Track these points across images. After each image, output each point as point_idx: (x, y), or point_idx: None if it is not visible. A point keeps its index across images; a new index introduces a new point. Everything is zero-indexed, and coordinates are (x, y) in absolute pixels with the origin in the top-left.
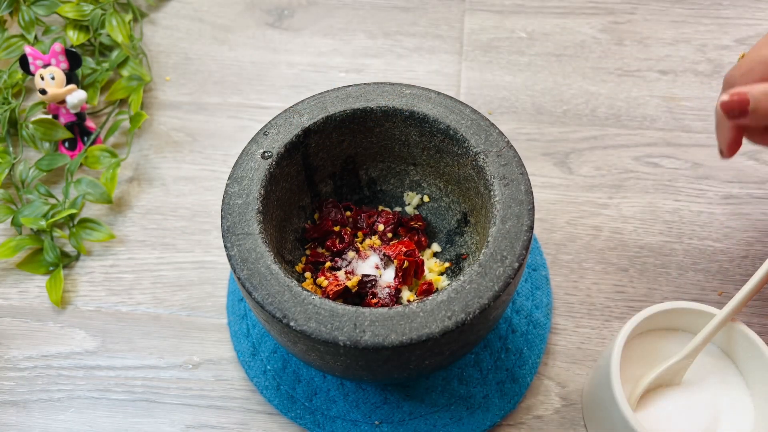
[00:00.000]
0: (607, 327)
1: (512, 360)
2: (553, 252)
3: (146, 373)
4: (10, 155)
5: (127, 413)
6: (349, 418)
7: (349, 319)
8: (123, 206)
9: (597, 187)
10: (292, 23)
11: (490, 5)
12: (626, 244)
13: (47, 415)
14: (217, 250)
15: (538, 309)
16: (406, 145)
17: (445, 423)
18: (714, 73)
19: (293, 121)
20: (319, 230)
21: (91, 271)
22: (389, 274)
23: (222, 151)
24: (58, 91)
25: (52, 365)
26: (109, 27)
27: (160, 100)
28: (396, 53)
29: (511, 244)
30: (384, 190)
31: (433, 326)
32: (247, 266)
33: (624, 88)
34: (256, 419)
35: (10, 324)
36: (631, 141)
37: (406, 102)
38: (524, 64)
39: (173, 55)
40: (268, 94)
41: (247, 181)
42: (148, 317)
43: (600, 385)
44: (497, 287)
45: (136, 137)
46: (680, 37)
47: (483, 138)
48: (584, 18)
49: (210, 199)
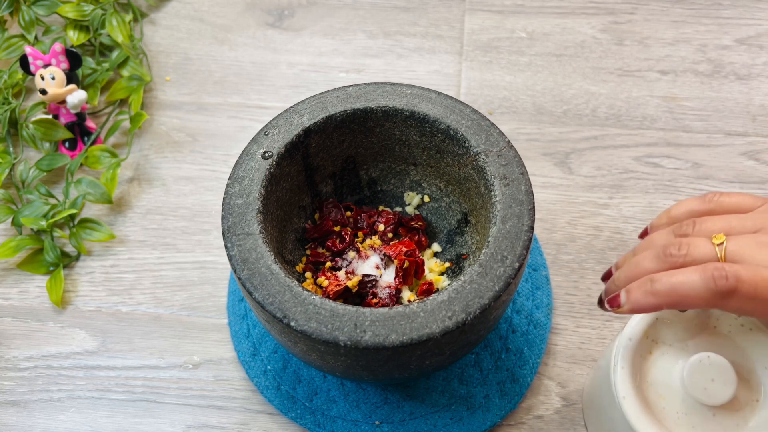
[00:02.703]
0: (608, 327)
1: (513, 360)
2: (554, 252)
3: (146, 373)
4: (11, 155)
5: (127, 413)
6: (350, 418)
7: (350, 319)
8: (123, 206)
9: (597, 187)
10: (293, 23)
11: (490, 5)
12: (626, 244)
13: (47, 415)
14: (217, 250)
15: (538, 309)
16: (406, 145)
17: (446, 423)
18: (714, 73)
19: (294, 121)
20: (319, 230)
21: (92, 271)
22: (390, 274)
23: (222, 151)
24: (58, 91)
25: (52, 365)
26: (110, 27)
27: (161, 100)
28: (396, 53)
29: (512, 244)
30: (384, 190)
31: (434, 326)
32: (248, 266)
33: (624, 88)
34: (256, 419)
35: (11, 324)
36: (631, 141)
37: (406, 102)
38: (524, 64)
39: (173, 55)
40: (269, 94)
41: (247, 181)
42: (148, 317)
43: (600, 385)
44: (498, 287)
45: (137, 137)
46: (680, 37)
47: (483, 138)
48: (584, 18)
49: (210, 199)
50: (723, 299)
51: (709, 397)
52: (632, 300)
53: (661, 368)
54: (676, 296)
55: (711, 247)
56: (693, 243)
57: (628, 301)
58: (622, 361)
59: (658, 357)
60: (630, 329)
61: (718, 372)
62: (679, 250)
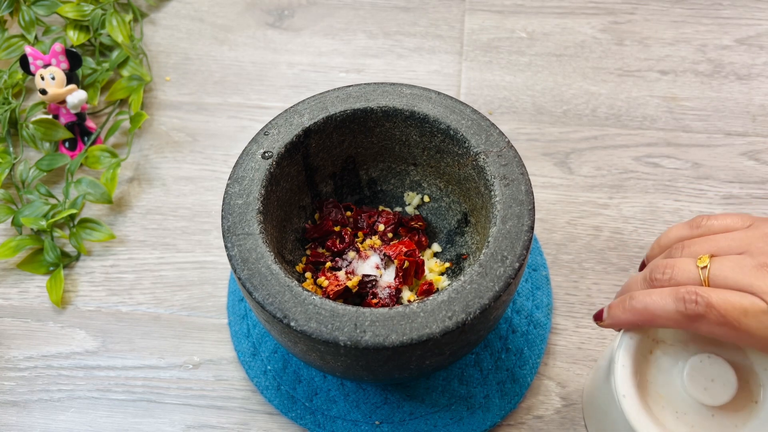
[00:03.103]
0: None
1: (513, 360)
2: (554, 252)
3: (146, 373)
4: (11, 155)
5: (127, 413)
6: (350, 418)
7: (350, 319)
8: (123, 206)
9: (597, 187)
10: (293, 23)
11: (490, 5)
12: (626, 244)
13: (47, 415)
14: (217, 250)
15: (538, 309)
16: (406, 145)
17: (446, 423)
18: (714, 73)
19: (294, 121)
20: (319, 230)
21: (92, 271)
22: (390, 274)
23: (222, 152)
24: (58, 91)
25: (52, 365)
26: (110, 27)
27: (161, 100)
28: (396, 53)
29: (512, 244)
30: (384, 190)
31: (434, 326)
32: (248, 266)
33: (624, 88)
34: (256, 419)
35: (11, 324)
36: (631, 141)
37: (406, 102)
38: (524, 64)
39: (173, 55)
40: (269, 94)
41: (247, 181)
42: (148, 317)
43: (600, 384)
44: (498, 287)
45: (137, 137)
46: (680, 37)
47: (483, 138)
48: (584, 18)
49: (210, 199)
50: (693, 322)
51: (708, 398)
52: (611, 315)
53: (662, 368)
54: (648, 315)
55: (695, 269)
56: (677, 265)
57: (608, 316)
58: (623, 360)
59: (659, 356)
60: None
61: (719, 372)
62: (663, 274)
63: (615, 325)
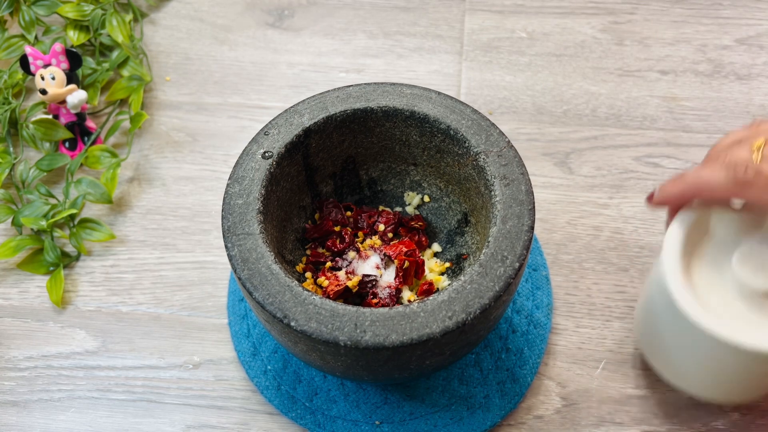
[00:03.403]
0: (608, 327)
1: (513, 360)
2: (554, 252)
3: (147, 373)
4: (11, 155)
5: (127, 413)
6: (350, 418)
7: (350, 319)
8: (123, 206)
9: (597, 187)
10: (293, 23)
11: (490, 5)
12: (627, 244)
13: (47, 415)
14: (217, 250)
15: (538, 309)
16: (406, 145)
17: (446, 423)
18: (714, 73)
19: (294, 121)
20: (319, 230)
21: (92, 271)
22: (390, 274)
23: (222, 152)
24: (58, 91)
25: (52, 365)
26: (110, 27)
27: (161, 100)
28: (396, 53)
29: (512, 244)
30: (384, 190)
31: (434, 326)
32: (248, 266)
33: (624, 88)
34: (256, 419)
35: (11, 324)
36: (631, 141)
37: (406, 102)
38: (524, 64)
39: (173, 55)
40: (269, 94)
41: (247, 181)
42: (148, 317)
43: (656, 298)
44: (498, 287)
45: (137, 137)
46: (680, 37)
47: (483, 138)
48: (584, 18)
49: (210, 199)
50: (742, 188)
51: (759, 281)
52: (662, 189)
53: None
54: (701, 184)
55: (749, 152)
56: (733, 149)
57: (659, 191)
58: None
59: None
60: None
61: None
62: (718, 157)
63: (665, 201)
